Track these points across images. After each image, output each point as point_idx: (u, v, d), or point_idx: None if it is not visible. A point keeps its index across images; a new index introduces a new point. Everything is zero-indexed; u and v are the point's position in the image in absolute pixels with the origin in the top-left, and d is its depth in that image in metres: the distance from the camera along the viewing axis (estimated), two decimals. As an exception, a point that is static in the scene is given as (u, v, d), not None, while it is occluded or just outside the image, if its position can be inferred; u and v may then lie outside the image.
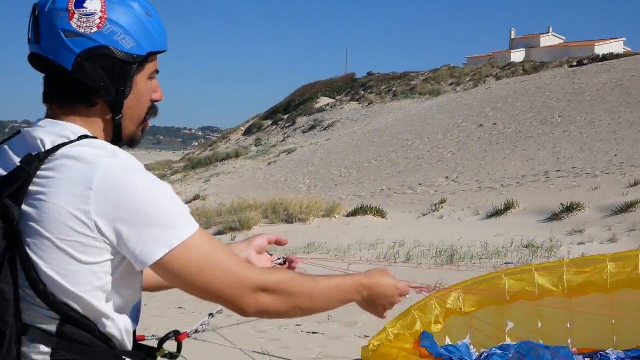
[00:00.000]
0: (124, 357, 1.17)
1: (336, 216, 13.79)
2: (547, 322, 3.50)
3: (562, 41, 46.37)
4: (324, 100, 35.26)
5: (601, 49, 36.24)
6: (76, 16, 1.13)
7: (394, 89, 33.61)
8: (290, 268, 1.57)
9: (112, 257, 1.10)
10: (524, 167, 17.39)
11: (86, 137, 1.14)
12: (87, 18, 1.13)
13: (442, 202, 14.25)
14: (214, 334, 1.63)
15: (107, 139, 1.21)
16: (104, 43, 1.15)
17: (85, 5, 1.13)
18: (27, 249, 1.06)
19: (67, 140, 1.12)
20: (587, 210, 11.39)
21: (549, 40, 46.17)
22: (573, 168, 15.90)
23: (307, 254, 9.28)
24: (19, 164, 1.09)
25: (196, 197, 20.66)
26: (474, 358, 3.30)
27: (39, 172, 1.08)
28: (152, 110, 1.31)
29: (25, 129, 1.20)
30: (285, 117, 35.12)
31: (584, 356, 3.59)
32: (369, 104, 32.49)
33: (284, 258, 1.60)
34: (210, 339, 1.61)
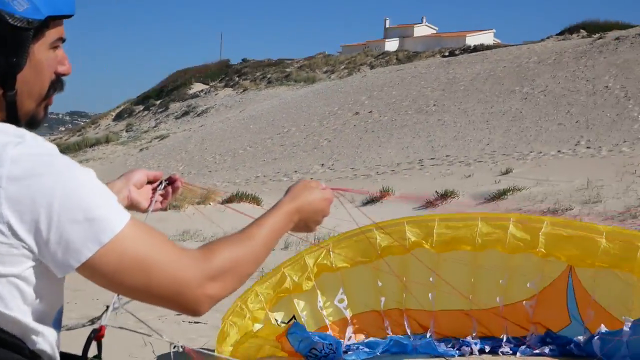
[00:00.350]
0: None
1: (211, 203, 13.51)
2: (414, 276, 4.28)
3: (434, 31, 48.32)
4: (197, 86, 34.60)
5: (472, 39, 37.86)
6: None
7: (269, 75, 33.22)
8: (173, 188, 1.49)
9: (34, 264, 0.92)
10: (399, 155, 17.65)
11: None
12: None
13: (318, 189, 13.76)
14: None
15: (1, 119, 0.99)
16: None
17: None
18: None
19: None
20: (460, 197, 11.35)
21: (422, 30, 47.83)
22: (447, 156, 16.09)
23: (183, 241, 8.96)
24: None
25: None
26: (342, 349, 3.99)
27: None
28: (57, 85, 1.07)
29: None
30: (158, 102, 34.43)
31: (445, 343, 4.41)
32: (244, 90, 32.03)
33: (166, 182, 1.49)
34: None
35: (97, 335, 1.18)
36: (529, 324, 4.36)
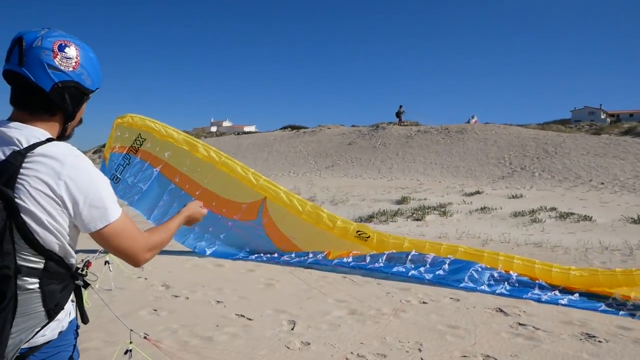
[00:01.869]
0: (77, 274, 1.85)
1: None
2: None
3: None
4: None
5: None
6: (59, 57, 1.74)
7: None
8: None
9: (69, 222, 1.73)
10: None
11: (50, 139, 1.73)
12: (67, 60, 1.75)
13: None
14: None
15: (55, 136, 1.81)
16: (75, 79, 1.78)
17: (66, 50, 1.75)
18: (23, 216, 1.64)
19: (39, 141, 1.70)
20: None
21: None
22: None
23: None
24: (5, 159, 1.66)
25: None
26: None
27: (23, 164, 1.64)
28: (80, 122, 1.95)
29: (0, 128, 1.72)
30: None
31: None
32: None
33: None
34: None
35: (87, 265, 2.04)
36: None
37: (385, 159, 25.44)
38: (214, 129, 73.61)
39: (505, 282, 6.40)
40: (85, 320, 1.95)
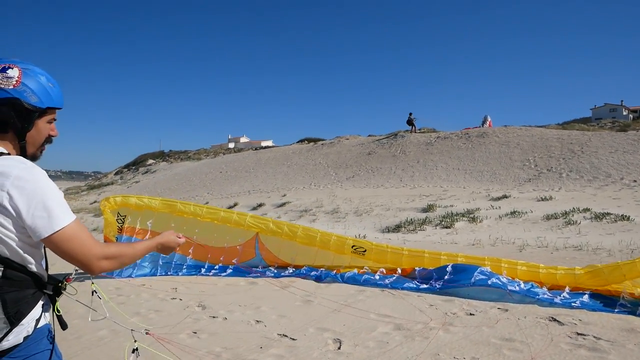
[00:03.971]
0: (45, 283, 1.92)
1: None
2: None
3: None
4: (150, 161, 55.36)
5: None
6: (0, 77, 1.89)
7: (181, 156, 54.83)
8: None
9: (17, 230, 1.80)
10: None
11: (3, 154, 1.87)
12: (7, 79, 1.89)
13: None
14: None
15: (16, 154, 1.93)
16: (15, 95, 1.89)
17: (7, 72, 1.91)
18: None
19: None
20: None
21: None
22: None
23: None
24: None
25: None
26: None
27: None
28: (47, 140, 2.05)
29: None
30: (133, 167, 54.90)
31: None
32: (171, 162, 51.55)
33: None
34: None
35: (66, 279, 2.02)
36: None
37: (406, 167, 25.14)
38: (231, 145, 73.97)
39: (515, 285, 6.24)
40: (63, 326, 2.02)
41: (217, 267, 8.00)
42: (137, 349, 2.42)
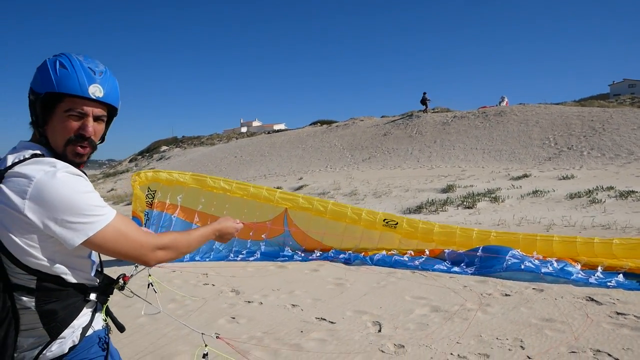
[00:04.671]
0: (90, 291, 1.79)
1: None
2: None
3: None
4: (164, 147, 56.11)
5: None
6: None
7: (195, 142, 55.11)
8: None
9: (45, 241, 1.63)
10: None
11: (36, 155, 1.67)
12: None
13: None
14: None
15: (52, 155, 1.72)
16: (31, 85, 1.74)
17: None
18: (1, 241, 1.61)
19: (21, 159, 1.65)
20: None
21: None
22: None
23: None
24: None
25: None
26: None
27: (0, 186, 1.60)
28: (79, 139, 1.74)
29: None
30: (147, 154, 55.45)
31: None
32: (184, 148, 52.28)
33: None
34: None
35: (123, 278, 1.97)
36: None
37: (423, 147, 25.01)
38: (244, 129, 74.06)
39: (548, 266, 6.21)
40: (120, 329, 2.00)
41: (244, 252, 8.06)
42: (207, 354, 2.37)
